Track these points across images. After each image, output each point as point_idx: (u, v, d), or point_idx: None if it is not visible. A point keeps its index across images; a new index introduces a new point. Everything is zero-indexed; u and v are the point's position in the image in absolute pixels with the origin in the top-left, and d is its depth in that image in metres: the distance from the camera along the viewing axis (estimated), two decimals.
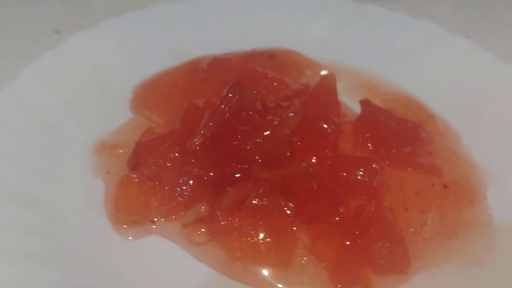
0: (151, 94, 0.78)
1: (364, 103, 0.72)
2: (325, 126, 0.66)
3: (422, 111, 0.77)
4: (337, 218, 0.58)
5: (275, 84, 0.79)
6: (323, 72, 0.85)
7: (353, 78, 0.85)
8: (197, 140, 0.61)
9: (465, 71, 0.82)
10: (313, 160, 0.63)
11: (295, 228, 0.58)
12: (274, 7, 0.96)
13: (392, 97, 0.80)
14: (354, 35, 0.93)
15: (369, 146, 0.68)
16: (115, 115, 0.74)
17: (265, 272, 0.55)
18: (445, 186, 0.65)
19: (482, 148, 0.70)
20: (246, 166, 0.59)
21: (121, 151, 0.69)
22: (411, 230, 0.60)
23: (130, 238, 0.59)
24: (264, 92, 0.71)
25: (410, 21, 0.92)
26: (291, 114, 0.61)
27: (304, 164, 0.57)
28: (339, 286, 0.54)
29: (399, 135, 0.68)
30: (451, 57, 0.85)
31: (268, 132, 0.59)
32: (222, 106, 0.63)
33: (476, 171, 0.67)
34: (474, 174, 0.67)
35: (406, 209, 0.61)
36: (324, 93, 0.73)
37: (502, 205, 0.62)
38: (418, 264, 0.56)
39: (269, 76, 0.80)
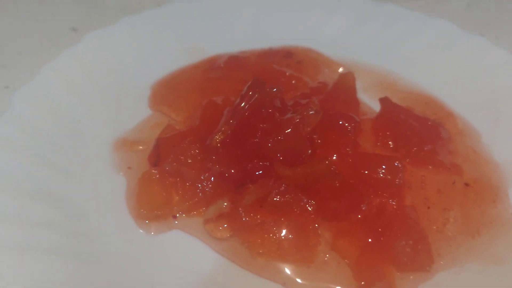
0: (170, 91, 0.78)
1: (384, 101, 0.72)
2: (345, 124, 0.66)
3: (441, 110, 0.76)
4: (359, 216, 0.58)
5: (293, 82, 0.79)
6: (341, 70, 0.84)
7: (370, 76, 0.85)
8: (218, 137, 0.61)
9: (482, 69, 0.81)
10: (334, 158, 0.63)
11: (317, 225, 0.58)
12: (290, 5, 0.96)
13: (411, 96, 0.79)
14: (371, 33, 0.92)
15: (389, 144, 0.67)
16: (134, 112, 0.75)
17: (287, 268, 0.56)
18: (466, 185, 0.64)
19: (502, 146, 0.70)
20: (268, 163, 0.59)
21: (141, 147, 0.69)
22: (434, 227, 0.60)
23: (152, 233, 0.59)
24: (282, 88, 0.71)
25: (426, 20, 0.92)
26: (312, 112, 0.60)
27: (326, 162, 0.57)
28: (363, 283, 0.54)
29: (419, 133, 0.67)
30: (467, 56, 0.84)
31: (289, 130, 0.59)
32: (242, 104, 0.63)
33: (497, 169, 0.67)
34: (495, 172, 0.66)
35: (428, 207, 0.61)
36: (343, 91, 0.73)
37: None
38: (441, 262, 0.56)
39: (287, 74, 0.80)
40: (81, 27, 0.99)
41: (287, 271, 0.55)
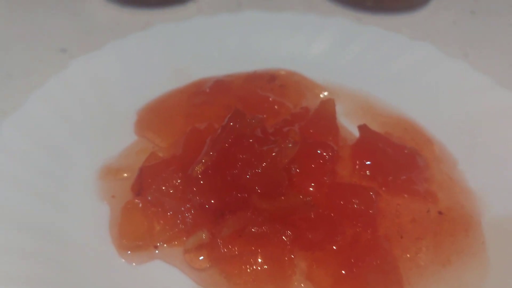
0: (155, 117, 0.80)
1: (362, 128, 0.74)
2: (323, 153, 0.68)
3: (419, 135, 0.78)
4: (334, 246, 0.60)
5: (275, 107, 0.81)
6: (322, 95, 0.86)
7: (352, 100, 0.87)
8: (198, 168, 0.63)
9: (461, 94, 0.83)
10: (311, 189, 0.65)
11: (293, 255, 0.60)
12: (274, 28, 0.98)
13: (391, 121, 0.81)
14: (353, 55, 0.94)
15: (367, 173, 0.69)
16: (120, 138, 0.76)
17: None
18: (440, 213, 0.66)
19: (477, 173, 0.72)
20: (246, 195, 0.61)
21: (125, 174, 0.71)
22: (406, 256, 0.61)
23: (134, 264, 0.61)
24: (264, 116, 0.73)
25: (408, 43, 0.93)
26: (290, 144, 0.62)
27: (301, 196, 0.59)
28: None
29: (396, 162, 0.69)
30: (447, 80, 0.86)
31: (266, 163, 0.61)
32: (223, 135, 0.65)
33: (471, 198, 0.69)
34: (468, 200, 0.68)
35: (401, 237, 0.63)
36: (324, 117, 0.75)
37: (495, 233, 0.64)
38: None
39: (270, 99, 0.82)
40: (70, 48, 1.01)
41: None
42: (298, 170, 0.66)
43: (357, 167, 0.70)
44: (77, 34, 1.05)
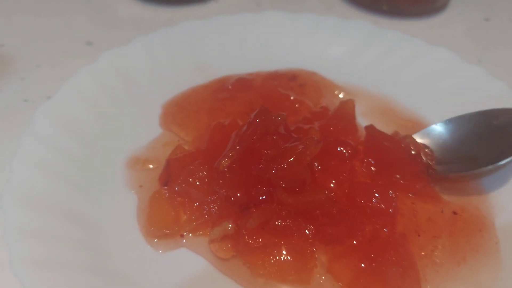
0: (180, 111, 0.83)
1: (369, 128, 0.75)
2: (343, 150, 0.71)
3: None
4: (354, 242, 0.62)
5: (296, 105, 0.83)
6: (342, 96, 0.89)
7: (370, 101, 0.89)
8: (225, 162, 0.66)
9: (477, 100, 0.85)
10: (332, 185, 0.67)
11: (314, 248, 0.62)
12: (295, 29, 1.00)
13: (409, 124, 0.83)
14: (372, 58, 0.96)
15: (372, 170, 0.71)
16: (146, 130, 0.79)
17: None
18: (454, 213, 0.69)
19: (492, 176, 0.74)
20: (271, 189, 0.64)
21: (151, 166, 0.74)
22: (423, 254, 0.63)
23: (160, 251, 0.63)
24: (286, 114, 0.75)
25: (426, 48, 0.95)
26: (314, 141, 0.65)
27: (326, 192, 0.62)
28: None
29: (401, 162, 0.71)
30: (464, 86, 0.88)
31: (292, 159, 0.63)
32: (249, 131, 0.67)
33: (485, 200, 0.71)
34: (483, 202, 0.71)
35: (419, 235, 0.65)
36: (343, 118, 0.77)
37: (509, 234, 0.66)
38: (428, 287, 0.60)
39: (291, 98, 0.84)
40: (96, 41, 1.03)
41: None
42: (319, 167, 0.69)
43: (364, 164, 0.72)
44: (102, 29, 1.08)
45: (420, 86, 0.91)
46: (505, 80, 0.87)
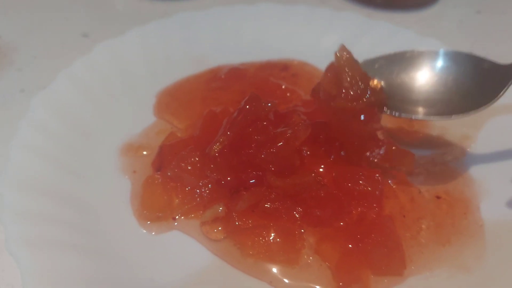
0: (173, 100, 0.84)
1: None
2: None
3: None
4: (341, 223, 0.64)
5: (288, 94, 0.85)
6: None
7: None
8: (216, 147, 0.67)
9: None
10: (321, 169, 0.69)
11: (302, 230, 0.64)
12: (289, 20, 1.02)
13: None
14: (363, 49, 0.97)
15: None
16: (141, 119, 0.81)
17: (274, 268, 0.61)
18: (437, 197, 0.70)
19: (477, 160, 0.76)
20: (260, 173, 0.66)
21: (145, 152, 0.75)
22: (408, 235, 0.65)
23: (153, 233, 0.65)
24: (276, 102, 0.77)
25: (417, 38, 0.97)
26: (302, 127, 0.66)
27: (313, 174, 0.63)
28: (341, 284, 0.59)
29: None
30: None
31: (281, 143, 0.65)
32: (240, 117, 0.69)
33: (470, 184, 0.73)
34: (468, 186, 0.72)
35: (404, 216, 0.67)
36: None
37: (493, 217, 0.68)
38: (413, 267, 0.62)
39: (283, 87, 0.86)
40: (92, 33, 1.05)
41: (274, 271, 0.61)
42: (308, 153, 0.71)
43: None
44: (98, 21, 1.10)
45: None
46: None
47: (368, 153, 0.70)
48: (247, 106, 0.69)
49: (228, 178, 0.66)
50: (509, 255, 0.62)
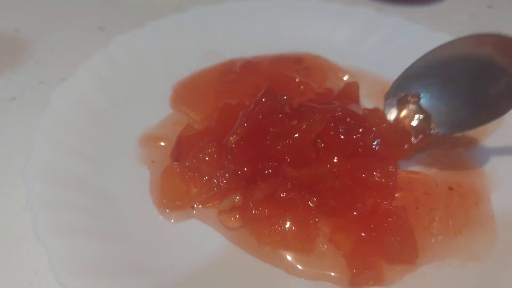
0: (189, 92, 0.86)
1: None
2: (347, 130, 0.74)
3: None
4: (355, 213, 0.66)
5: (301, 87, 0.87)
6: (346, 78, 0.91)
7: (373, 83, 0.92)
8: (233, 139, 0.69)
9: None
10: (335, 160, 0.70)
11: (317, 219, 0.66)
12: (301, 14, 1.03)
13: None
14: (376, 43, 0.99)
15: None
16: (157, 110, 0.83)
17: (289, 256, 0.63)
18: (450, 189, 0.72)
19: (487, 153, 0.77)
20: (276, 164, 0.67)
21: (163, 143, 0.77)
22: (421, 225, 0.67)
23: (172, 220, 0.67)
24: (291, 95, 0.78)
25: (428, 33, 0.97)
26: (317, 120, 0.68)
27: (328, 166, 0.65)
28: (354, 271, 0.61)
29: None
30: None
31: (297, 135, 0.66)
32: (256, 109, 0.70)
33: (481, 176, 0.74)
34: (479, 178, 0.73)
35: (417, 207, 0.69)
36: (347, 99, 0.80)
37: (503, 208, 0.69)
38: (425, 256, 0.63)
39: (296, 80, 0.87)
40: (108, 26, 1.07)
41: (289, 258, 0.63)
42: (323, 145, 0.72)
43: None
44: (113, 14, 1.11)
45: None
46: None
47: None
48: (263, 99, 0.71)
49: (245, 169, 0.68)
50: None
